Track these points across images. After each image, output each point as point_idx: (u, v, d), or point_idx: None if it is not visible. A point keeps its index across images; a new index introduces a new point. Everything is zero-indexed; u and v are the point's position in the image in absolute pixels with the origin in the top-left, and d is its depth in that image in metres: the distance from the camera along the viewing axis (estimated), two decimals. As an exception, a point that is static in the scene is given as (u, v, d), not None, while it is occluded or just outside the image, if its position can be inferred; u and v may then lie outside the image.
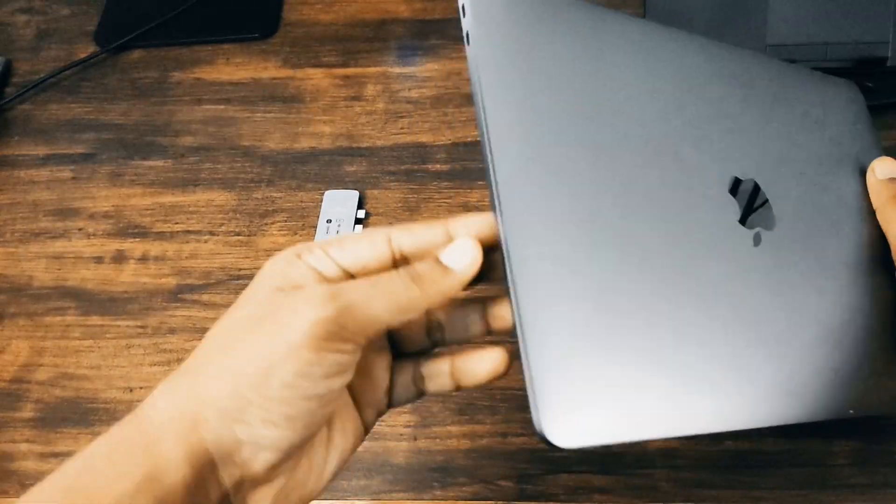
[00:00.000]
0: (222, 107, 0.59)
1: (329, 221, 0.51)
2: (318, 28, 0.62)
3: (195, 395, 0.24)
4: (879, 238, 0.36)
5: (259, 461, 0.24)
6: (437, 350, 0.30)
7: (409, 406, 0.44)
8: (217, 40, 0.62)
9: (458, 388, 0.28)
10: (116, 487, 0.22)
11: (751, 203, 0.33)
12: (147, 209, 0.54)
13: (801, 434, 0.41)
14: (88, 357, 0.48)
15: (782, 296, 0.32)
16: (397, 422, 0.43)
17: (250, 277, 0.49)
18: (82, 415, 0.46)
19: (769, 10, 0.52)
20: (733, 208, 0.32)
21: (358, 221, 0.51)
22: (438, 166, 0.54)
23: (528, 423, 0.42)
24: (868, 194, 0.37)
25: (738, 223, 0.32)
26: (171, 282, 0.50)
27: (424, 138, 0.55)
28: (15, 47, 0.64)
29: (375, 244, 0.27)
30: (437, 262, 0.26)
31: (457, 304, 0.29)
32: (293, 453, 0.25)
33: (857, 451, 0.40)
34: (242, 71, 0.60)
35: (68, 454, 0.44)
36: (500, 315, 0.28)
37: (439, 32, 0.61)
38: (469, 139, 0.55)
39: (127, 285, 0.50)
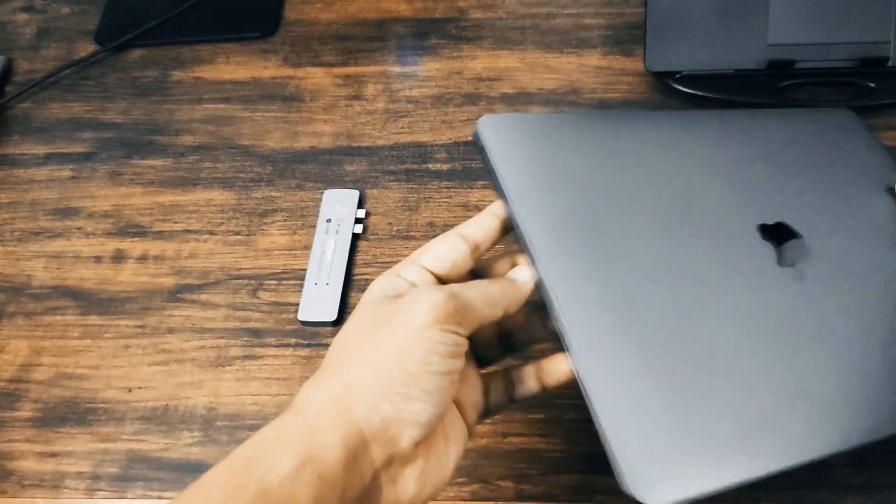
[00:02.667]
0: (222, 106, 0.59)
1: (329, 221, 0.51)
2: (319, 27, 0.62)
3: (344, 384, 0.28)
4: None
5: (405, 437, 0.27)
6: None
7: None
8: (217, 39, 0.62)
9: (544, 389, 0.33)
10: (284, 464, 0.26)
11: (783, 243, 0.35)
12: (146, 208, 0.54)
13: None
14: (87, 357, 0.48)
15: (838, 321, 0.33)
16: (397, 422, 0.43)
17: (250, 277, 0.50)
18: (81, 414, 0.46)
19: (770, 10, 0.52)
20: (769, 251, 0.34)
21: (358, 221, 0.51)
22: (438, 166, 0.54)
23: (527, 423, 0.42)
24: None
25: (776, 264, 0.34)
26: (170, 281, 0.50)
27: (424, 138, 0.55)
28: (15, 46, 0.64)
29: (450, 241, 0.32)
30: (509, 279, 0.32)
31: (522, 318, 0.34)
32: (430, 431, 0.28)
33: (857, 452, 0.40)
34: (243, 70, 0.60)
35: (67, 454, 0.44)
36: (550, 371, 0.33)
37: (440, 32, 0.61)
38: (469, 139, 0.55)
39: (126, 285, 0.50)
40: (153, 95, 0.60)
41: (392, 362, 0.28)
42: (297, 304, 0.48)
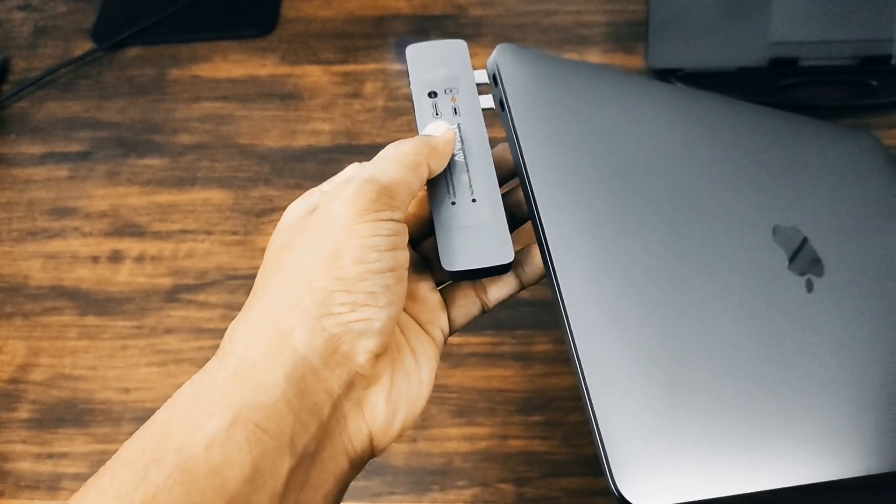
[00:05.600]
0: (220, 104, 0.58)
1: None
2: (317, 24, 0.62)
3: (272, 310, 0.24)
4: None
5: (361, 351, 0.24)
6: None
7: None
8: (215, 37, 0.62)
9: (522, 286, 0.30)
10: (210, 424, 0.21)
11: (796, 249, 0.33)
12: (143, 208, 0.53)
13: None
14: (85, 357, 0.47)
15: (844, 341, 0.31)
16: (395, 423, 0.43)
17: (247, 277, 0.49)
18: (78, 415, 0.45)
19: (773, 8, 0.51)
20: (780, 256, 0.32)
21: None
22: (438, 165, 0.53)
23: (527, 426, 0.42)
24: None
25: (787, 270, 0.32)
26: (168, 282, 0.50)
27: (423, 136, 0.55)
28: (12, 45, 0.64)
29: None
30: (424, 135, 0.29)
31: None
32: (387, 340, 0.24)
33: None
34: (240, 68, 0.60)
35: (64, 455, 0.44)
36: (527, 262, 0.30)
37: (439, 28, 0.61)
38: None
39: (123, 285, 0.50)
40: (150, 94, 0.59)
41: (323, 271, 0.23)
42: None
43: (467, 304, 0.30)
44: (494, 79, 0.31)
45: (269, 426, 0.21)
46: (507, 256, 0.28)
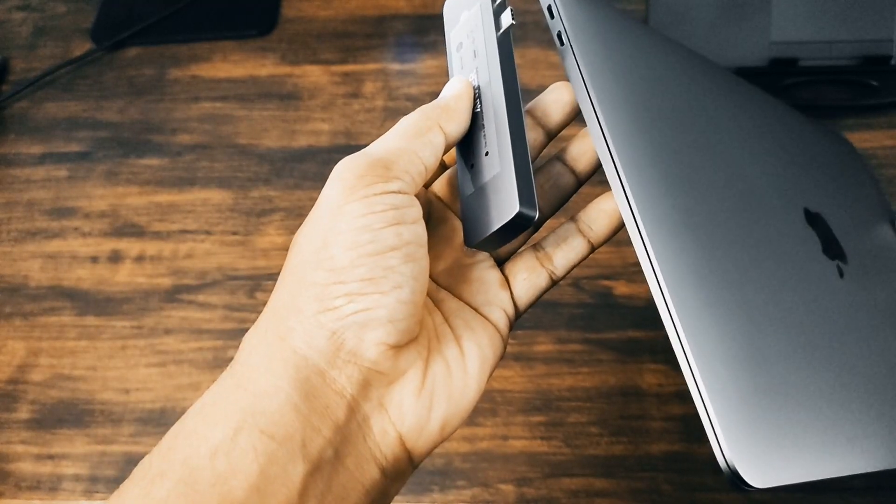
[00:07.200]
0: (219, 104, 0.58)
1: None
2: (317, 24, 0.62)
3: (272, 314, 0.22)
4: None
5: (368, 344, 0.22)
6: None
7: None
8: (214, 37, 0.62)
9: (593, 247, 0.27)
10: (214, 434, 0.20)
11: (825, 234, 0.32)
12: (143, 208, 0.53)
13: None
14: (84, 358, 0.47)
15: (882, 327, 0.31)
16: (396, 424, 0.43)
17: (248, 277, 0.49)
18: (78, 416, 0.45)
19: (773, 7, 0.51)
20: (814, 239, 0.31)
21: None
22: (438, 165, 0.53)
23: (528, 426, 0.42)
24: None
25: (822, 254, 0.31)
26: (167, 282, 0.50)
27: (424, 136, 0.55)
28: (11, 45, 0.64)
29: None
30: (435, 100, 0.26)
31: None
32: (403, 328, 0.22)
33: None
34: (240, 68, 0.60)
35: (64, 456, 0.44)
36: (593, 218, 0.27)
37: (439, 28, 0.60)
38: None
39: (123, 285, 0.50)
40: (150, 94, 0.59)
41: (315, 263, 0.22)
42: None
43: (531, 277, 0.27)
44: (549, 10, 0.27)
45: (275, 431, 0.20)
46: (510, 209, 0.22)
